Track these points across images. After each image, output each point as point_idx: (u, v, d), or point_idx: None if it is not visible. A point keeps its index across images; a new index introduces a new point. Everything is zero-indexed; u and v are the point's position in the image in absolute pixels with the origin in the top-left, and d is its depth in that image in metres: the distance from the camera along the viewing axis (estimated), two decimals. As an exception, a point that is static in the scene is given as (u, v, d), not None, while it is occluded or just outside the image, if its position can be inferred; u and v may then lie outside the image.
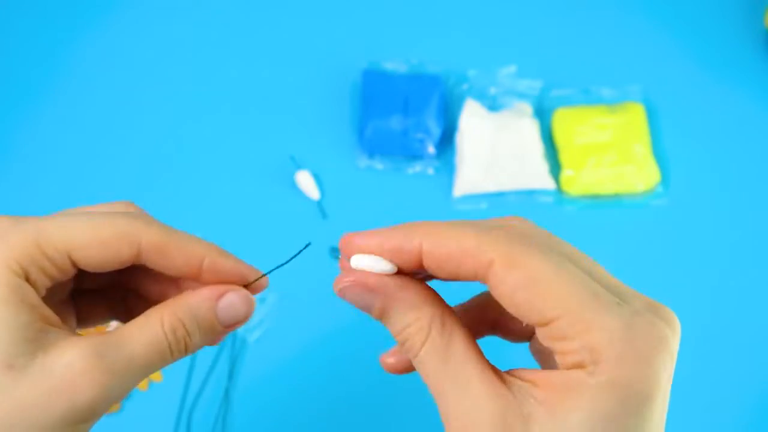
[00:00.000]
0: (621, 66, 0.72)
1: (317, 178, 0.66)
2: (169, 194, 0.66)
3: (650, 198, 0.65)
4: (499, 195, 0.66)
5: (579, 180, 0.65)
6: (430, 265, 0.25)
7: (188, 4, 0.76)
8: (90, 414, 0.25)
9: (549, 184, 0.65)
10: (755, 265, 0.63)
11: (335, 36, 0.73)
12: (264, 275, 0.30)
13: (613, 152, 0.65)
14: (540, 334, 0.23)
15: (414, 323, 0.25)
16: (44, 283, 0.26)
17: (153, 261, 0.28)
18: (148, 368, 0.27)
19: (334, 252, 0.62)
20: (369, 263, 0.26)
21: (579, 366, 0.22)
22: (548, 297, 0.22)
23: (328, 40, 0.73)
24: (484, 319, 0.30)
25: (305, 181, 0.65)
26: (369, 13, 0.75)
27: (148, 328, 0.27)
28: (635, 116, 0.67)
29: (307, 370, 0.59)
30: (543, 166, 0.65)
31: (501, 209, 0.65)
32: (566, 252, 0.25)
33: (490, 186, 0.65)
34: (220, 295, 0.28)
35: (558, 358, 0.23)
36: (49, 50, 0.74)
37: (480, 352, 0.24)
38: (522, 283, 0.22)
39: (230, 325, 0.29)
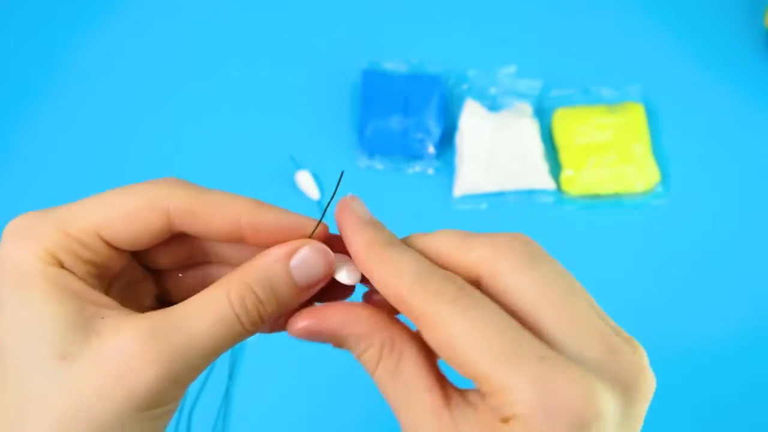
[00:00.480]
0: (621, 66, 0.72)
1: (317, 178, 0.66)
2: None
3: (650, 198, 0.65)
4: (499, 195, 0.66)
5: (579, 180, 0.65)
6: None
7: (188, 4, 0.76)
8: (153, 400, 0.23)
9: (549, 184, 0.65)
10: (755, 264, 0.63)
11: (335, 36, 0.73)
12: (321, 222, 0.27)
13: (613, 152, 0.65)
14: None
15: (366, 351, 0.25)
16: (83, 268, 0.25)
17: (188, 226, 0.26)
18: (216, 345, 0.24)
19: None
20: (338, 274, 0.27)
21: (505, 420, 0.22)
22: (465, 358, 0.22)
23: (328, 40, 0.73)
24: None
25: (305, 181, 0.65)
26: (369, 13, 0.75)
27: (211, 301, 0.25)
28: (635, 116, 0.67)
29: (307, 369, 0.59)
30: (543, 166, 0.65)
31: (501, 209, 0.65)
32: (529, 283, 0.24)
33: (490, 186, 0.65)
34: (293, 252, 0.26)
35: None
36: (50, 51, 0.74)
37: (432, 371, 0.25)
38: (441, 344, 0.23)
39: (308, 286, 0.26)
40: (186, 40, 0.74)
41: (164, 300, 0.30)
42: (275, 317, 0.26)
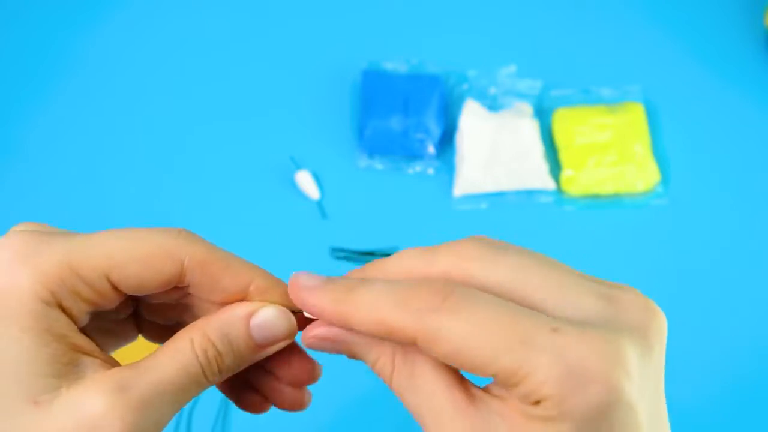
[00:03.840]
0: (621, 66, 0.72)
1: (317, 178, 0.66)
2: (169, 194, 0.66)
3: (650, 198, 0.65)
4: (499, 195, 0.66)
5: (579, 180, 0.65)
6: (366, 335, 0.25)
7: (189, 5, 0.76)
8: None
9: (549, 184, 0.65)
10: (755, 264, 0.63)
11: (335, 36, 0.73)
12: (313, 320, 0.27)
13: (613, 152, 0.65)
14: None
15: (379, 360, 0.25)
16: (82, 308, 0.25)
17: (197, 281, 0.26)
18: (182, 395, 0.25)
19: (335, 252, 0.62)
20: None
21: (537, 402, 0.22)
22: (476, 360, 0.22)
23: (328, 40, 0.73)
24: None
25: (305, 181, 0.65)
26: (369, 13, 0.75)
27: (177, 353, 0.25)
28: (635, 116, 0.67)
29: (307, 370, 0.59)
30: (543, 166, 0.65)
31: (501, 209, 0.65)
32: (507, 269, 0.23)
33: (490, 186, 0.65)
34: (254, 312, 0.26)
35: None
36: (50, 52, 0.74)
37: (449, 372, 0.24)
38: (449, 354, 0.22)
39: (266, 345, 0.27)
40: (186, 40, 0.74)
41: (139, 314, 0.30)
42: (234, 371, 0.27)
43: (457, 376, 0.24)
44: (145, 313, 0.29)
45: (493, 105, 0.68)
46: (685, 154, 0.68)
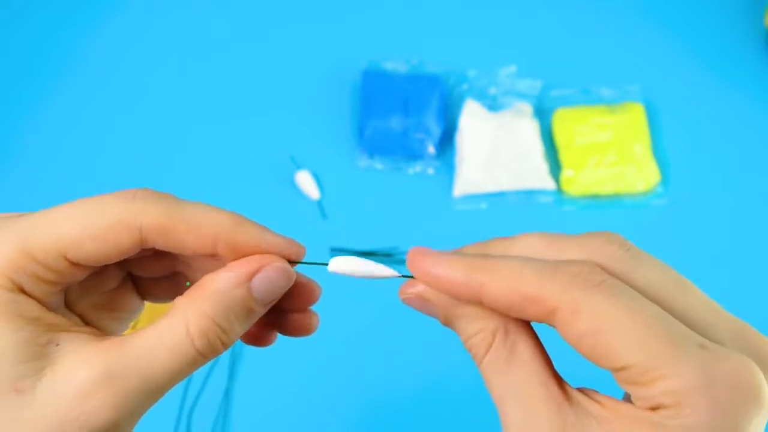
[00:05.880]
0: (621, 66, 0.72)
1: (317, 178, 0.66)
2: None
3: (650, 198, 0.65)
4: (499, 195, 0.66)
5: (579, 180, 0.65)
6: (492, 307, 0.23)
7: (189, 5, 0.76)
8: None
9: (549, 184, 0.65)
10: (755, 264, 0.63)
11: (335, 36, 0.73)
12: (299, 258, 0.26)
13: (613, 152, 0.65)
14: (615, 376, 0.22)
15: (477, 334, 0.24)
16: (46, 290, 0.24)
17: (161, 244, 0.24)
18: (174, 378, 0.24)
19: (335, 252, 0.62)
20: None
21: (655, 408, 0.21)
22: (617, 345, 0.21)
23: (328, 40, 0.73)
24: None
25: (305, 181, 0.65)
26: (369, 13, 0.75)
27: (169, 336, 0.23)
28: (635, 116, 0.67)
29: (307, 369, 0.59)
30: (543, 166, 0.65)
31: (501, 209, 0.65)
32: (650, 278, 0.23)
33: (490, 186, 0.65)
34: (254, 272, 0.25)
35: (633, 400, 0.22)
36: (51, 52, 0.74)
37: (547, 364, 0.23)
38: (589, 332, 0.21)
39: (270, 302, 0.25)
40: (186, 40, 0.74)
41: (132, 275, 0.29)
42: (238, 337, 0.26)
43: (556, 373, 0.24)
44: (136, 270, 0.28)
45: (493, 105, 0.68)
46: (685, 154, 0.68)
